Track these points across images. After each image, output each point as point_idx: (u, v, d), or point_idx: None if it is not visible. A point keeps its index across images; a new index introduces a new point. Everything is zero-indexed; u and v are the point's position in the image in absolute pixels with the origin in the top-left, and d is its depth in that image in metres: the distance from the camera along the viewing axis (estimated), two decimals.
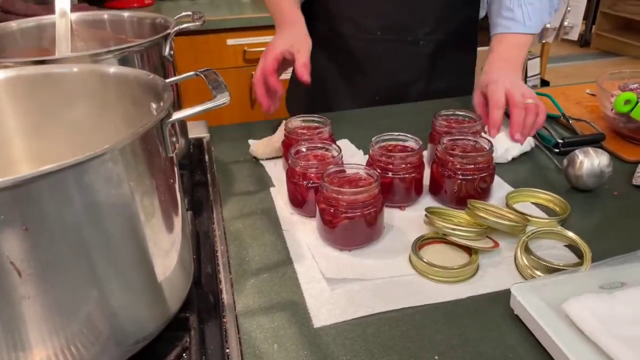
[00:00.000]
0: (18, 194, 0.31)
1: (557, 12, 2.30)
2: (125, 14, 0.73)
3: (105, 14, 0.74)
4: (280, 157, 0.82)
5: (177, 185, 0.46)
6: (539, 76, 2.56)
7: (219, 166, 0.82)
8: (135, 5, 2.08)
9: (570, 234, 0.59)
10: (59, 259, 0.35)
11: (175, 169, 0.46)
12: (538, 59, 2.51)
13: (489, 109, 0.79)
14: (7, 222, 0.31)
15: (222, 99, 0.42)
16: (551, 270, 0.55)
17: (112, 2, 2.10)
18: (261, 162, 0.83)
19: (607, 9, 4.74)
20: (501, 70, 0.84)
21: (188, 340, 0.46)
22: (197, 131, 0.92)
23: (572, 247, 0.60)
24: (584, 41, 4.94)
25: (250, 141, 0.89)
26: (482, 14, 1.08)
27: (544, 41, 2.41)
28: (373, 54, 1.03)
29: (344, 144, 0.88)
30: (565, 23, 2.28)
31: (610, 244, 0.60)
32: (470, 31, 1.09)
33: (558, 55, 4.48)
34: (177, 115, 0.40)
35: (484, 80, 0.84)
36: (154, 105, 0.47)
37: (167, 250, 0.45)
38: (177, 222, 0.46)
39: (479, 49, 1.14)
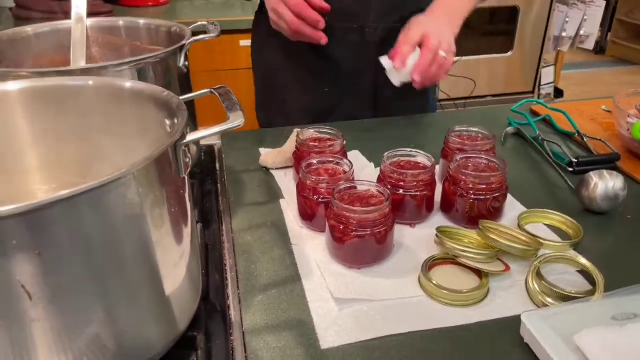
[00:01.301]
0: (32, 220, 0.31)
1: (573, 21, 2.28)
2: (141, 21, 0.73)
3: (120, 21, 0.74)
4: (291, 167, 0.81)
5: (187, 198, 0.46)
6: (553, 84, 2.54)
7: (230, 175, 0.82)
8: (151, 4, 2.09)
9: (583, 261, 0.59)
10: (70, 282, 0.35)
11: (187, 185, 0.46)
12: (552, 67, 2.49)
13: (399, 41, 0.82)
14: (20, 247, 0.31)
15: (237, 120, 0.41)
16: (563, 297, 0.54)
17: (127, 0, 2.10)
18: (271, 172, 0.83)
19: (623, 16, 4.69)
20: (433, 16, 0.87)
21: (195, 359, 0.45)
22: (208, 139, 0.91)
23: (585, 273, 0.59)
24: (599, 48, 4.89)
25: (262, 150, 0.88)
26: None
27: (559, 49, 2.38)
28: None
29: (355, 155, 0.88)
30: (582, 32, 2.26)
31: (623, 270, 0.59)
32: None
33: (573, 62, 4.43)
34: (190, 137, 0.40)
35: (413, 20, 0.85)
36: (167, 122, 0.46)
37: (175, 263, 0.45)
38: (187, 233, 0.46)
39: None
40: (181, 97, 0.46)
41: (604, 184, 0.69)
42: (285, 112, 1.09)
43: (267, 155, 0.84)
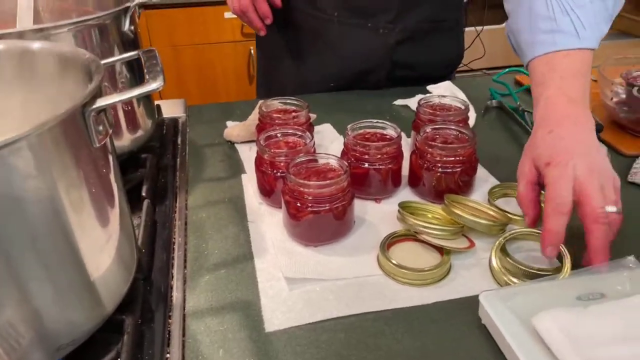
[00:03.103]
0: None
1: None
2: None
3: None
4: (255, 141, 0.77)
5: (112, 176, 0.42)
6: None
7: (192, 149, 0.78)
8: None
9: None
10: None
11: (111, 158, 0.42)
12: None
13: (545, 210, 0.51)
14: None
15: (155, 84, 0.37)
16: (527, 275, 0.51)
17: None
18: (236, 145, 0.79)
19: None
20: (570, 127, 0.54)
21: (121, 345, 0.42)
22: (173, 110, 0.88)
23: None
24: None
25: (228, 123, 0.84)
26: None
27: None
28: (328, 36, 0.93)
29: (326, 128, 0.84)
30: None
31: None
32: (448, 20, 0.96)
33: None
34: (101, 102, 0.36)
35: (544, 147, 0.53)
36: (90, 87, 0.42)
37: (101, 246, 0.42)
38: (114, 215, 0.43)
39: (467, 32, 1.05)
40: (103, 61, 0.42)
41: None
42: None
43: (232, 129, 0.80)
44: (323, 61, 0.97)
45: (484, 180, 0.68)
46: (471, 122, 0.82)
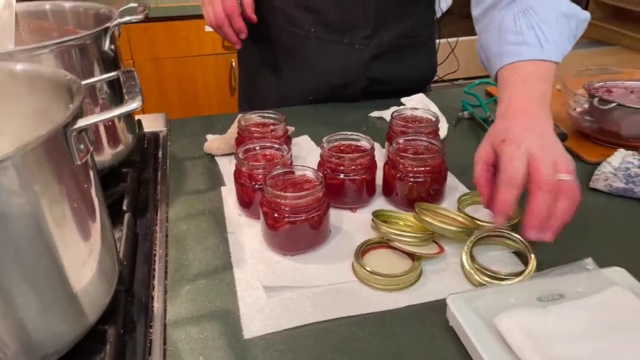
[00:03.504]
0: None
1: None
2: (67, 4, 0.70)
3: (47, 5, 0.71)
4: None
5: (93, 191, 0.44)
6: None
7: (173, 162, 0.80)
8: None
9: (516, 240, 0.58)
10: None
11: (91, 174, 0.44)
12: None
13: (497, 183, 0.55)
14: None
15: (133, 104, 0.39)
16: (493, 278, 0.53)
17: None
18: (216, 158, 0.81)
19: None
20: (527, 119, 0.58)
21: (104, 354, 0.44)
22: (154, 125, 0.89)
23: (520, 254, 0.58)
24: None
25: (208, 136, 0.86)
26: (438, 14, 1.01)
27: None
28: (305, 52, 0.96)
29: (304, 140, 0.86)
30: None
31: (560, 251, 0.59)
32: (422, 36, 0.99)
33: None
34: (82, 122, 0.38)
35: (501, 130, 0.58)
36: (71, 107, 0.44)
37: (83, 260, 0.43)
38: (95, 229, 0.44)
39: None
40: (84, 81, 0.44)
41: None
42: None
43: (212, 142, 0.82)
44: (301, 76, 0.99)
45: (454, 188, 0.71)
46: (443, 132, 0.85)
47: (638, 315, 0.45)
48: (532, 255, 0.55)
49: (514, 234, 0.58)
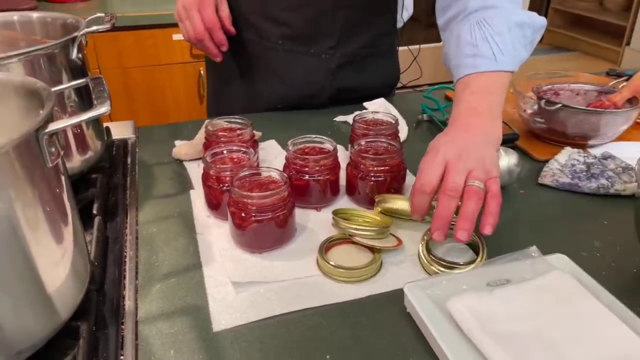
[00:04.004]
0: None
1: None
2: (35, 15, 0.71)
3: (15, 15, 0.72)
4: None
5: (65, 195, 0.46)
6: None
7: (143, 168, 0.82)
8: None
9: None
10: None
11: (63, 179, 0.45)
12: None
13: (412, 188, 0.60)
14: None
15: (102, 108, 0.42)
16: (447, 267, 0.57)
17: None
18: (184, 163, 0.83)
19: (558, 5, 4.90)
20: (458, 132, 0.63)
21: (77, 349, 0.46)
22: (122, 132, 0.91)
23: (473, 245, 0.63)
24: None
25: (177, 142, 0.88)
26: (399, 24, 1.06)
27: None
28: (274, 63, 1.00)
29: (271, 144, 0.89)
30: None
31: (510, 241, 0.63)
32: (384, 45, 1.04)
33: None
34: (53, 127, 0.40)
35: (432, 143, 0.64)
36: (41, 113, 0.46)
37: (56, 262, 0.45)
38: (67, 232, 0.46)
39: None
40: (54, 88, 0.46)
41: (499, 160, 0.73)
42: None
43: (180, 147, 0.84)
44: (269, 86, 1.02)
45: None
46: (403, 134, 0.89)
47: (574, 295, 0.49)
48: (483, 246, 0.59)
49: None
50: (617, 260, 0.61)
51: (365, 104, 1.01)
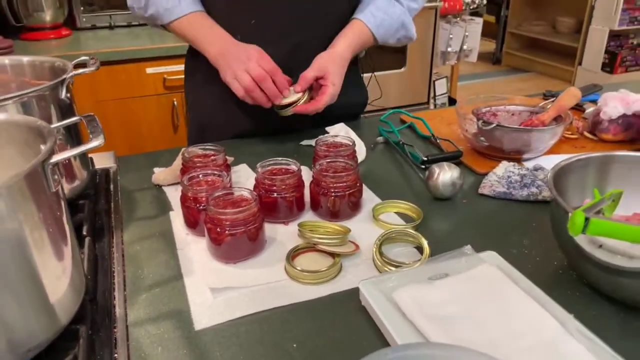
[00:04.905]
0: None
1: (456, 38, 2.54)
2: (25, 59, 0.79)
3: (6, 59, 0.80)
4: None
5: (64, 218, 0.53)
6: (447, 94, 2.79)
7: (124, 194, 0.89)
8: (52, 36, 2.10)
9: (415, 237, 0.72)
10: None
11: (62, 203, 0.53)
12: (445, 79, 2.74)
13: (320, 93, 1.01)
14: None
15: (97, 141, 0.50)
16: (396, 267, 0.67)
17: (29, 33, 2.10)
18: (163, 188, 0.91)
19: (514, 29, 5.18)
20: (339, 67, 1.03)
21: (78, 348, 0.53)
22: (104, 162, 0.98)
23: (419, 248, 0.72)
24: (495, 59, 5.35)
25: (155, 169, 0.96)
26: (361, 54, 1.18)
27: (447, 63, 2.63)
28: None
29: (242, 168, 0.98)
30: (465, 47, 2.51)
31: (451, 243, 0.73)
32: (352, 70, 1.12)
33: (472, 73, 4.83)
34: (56, 157, 0.48)
35: (327, 64, 1.01)
36: (43, 147, 0.54)
37: (58, 276, 0.53)
38: (67, 250, 0.54)
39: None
40: (53, 125, 0.54)
41: (444, 174, 0.84)
42: None
43: (159, 174, 0.92)
44: (253, 116, 1.10)
45: (369, 200, 0.85)
46: (362, 155, 1.00)
47: (497, 282, 0.59)
48: (427, 247, 0.69)
49: (413, 232, 0.72)
50: (541, 256, 0.71)
51: (327, 128, 1.11)
